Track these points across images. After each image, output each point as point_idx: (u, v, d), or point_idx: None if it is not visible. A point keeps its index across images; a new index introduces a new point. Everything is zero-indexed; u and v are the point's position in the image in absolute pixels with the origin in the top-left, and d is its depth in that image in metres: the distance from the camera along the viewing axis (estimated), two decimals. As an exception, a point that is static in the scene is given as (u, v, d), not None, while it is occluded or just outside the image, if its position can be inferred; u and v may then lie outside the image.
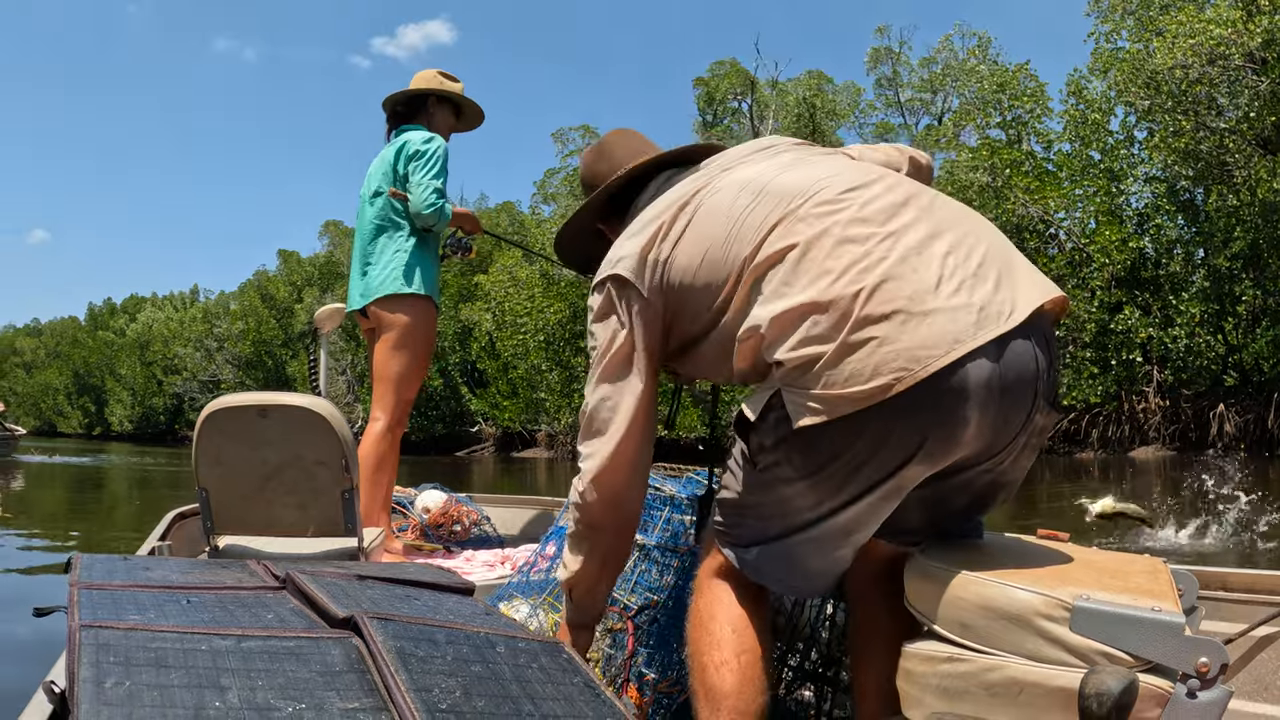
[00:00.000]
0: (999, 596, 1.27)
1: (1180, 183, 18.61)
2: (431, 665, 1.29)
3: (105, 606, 1.31)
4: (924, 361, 1.32)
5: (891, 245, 1.41)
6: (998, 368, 1.35)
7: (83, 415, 68.28)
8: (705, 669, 1.54)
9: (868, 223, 1.44)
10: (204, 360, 48.18)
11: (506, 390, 28.45)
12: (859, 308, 1.36)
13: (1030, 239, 19.65)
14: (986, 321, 1.35)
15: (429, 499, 4.21)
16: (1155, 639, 1.17)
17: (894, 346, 1.33)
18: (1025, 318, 1.37)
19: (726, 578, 1.59)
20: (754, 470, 1.52)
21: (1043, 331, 1.43)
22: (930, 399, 1.33)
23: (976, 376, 1.34)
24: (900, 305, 1.35)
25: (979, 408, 1.35)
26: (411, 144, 3.61)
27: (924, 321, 1.34)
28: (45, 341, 78.28)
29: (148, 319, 58.31)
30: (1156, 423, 18.94)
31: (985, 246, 1.44)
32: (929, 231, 1.43)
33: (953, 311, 1.34)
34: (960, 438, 1.37)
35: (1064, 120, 20.27)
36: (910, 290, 1.36)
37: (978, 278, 1.39)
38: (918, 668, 1.33)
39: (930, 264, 1.39)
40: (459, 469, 21.23)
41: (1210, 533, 6.76)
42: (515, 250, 29.27)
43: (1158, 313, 18.50)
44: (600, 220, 1.89)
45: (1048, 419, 1.46)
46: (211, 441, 2.46)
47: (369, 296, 3.63)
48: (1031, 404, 1.40)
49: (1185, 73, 16.81)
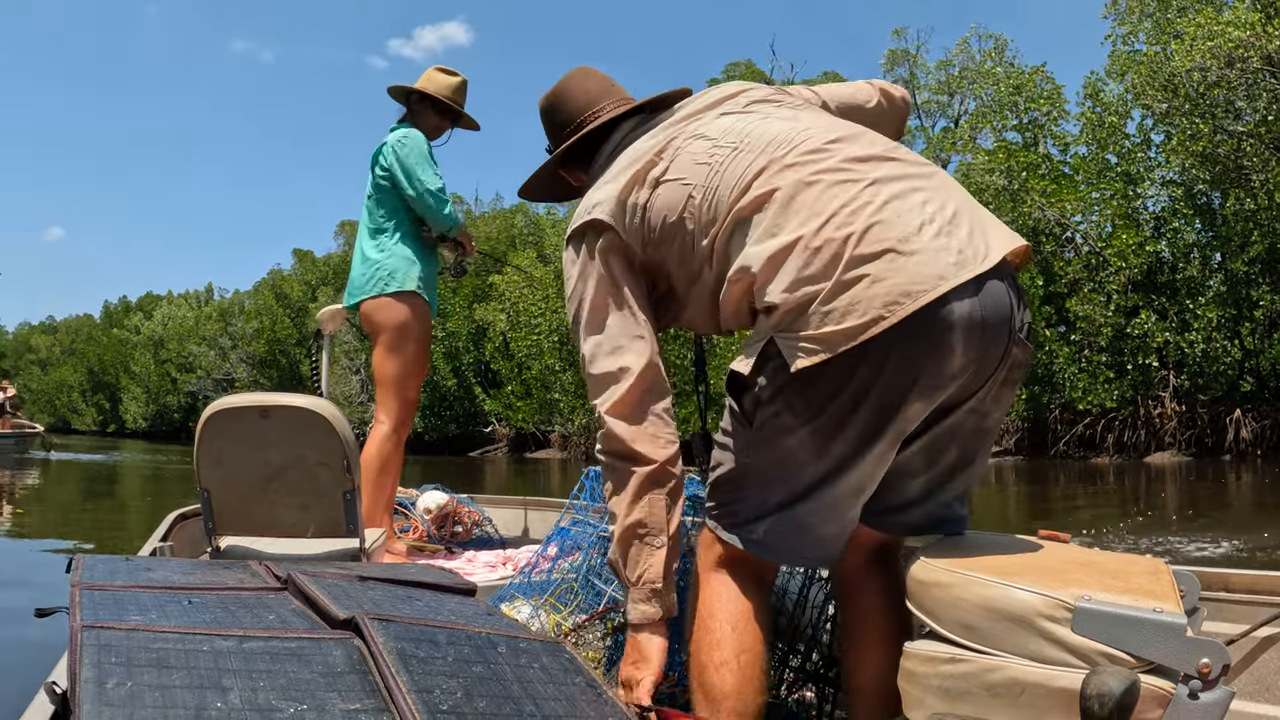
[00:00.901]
0: (1000, 597, 1.27)
1: (1197, 186, 18.47)
2: (433, 666, 1.29)
3: (107, 607, 1.32)
4: (915, 296, 1.38)
5: (876, 192, 1.47)
6: (978, 303, 1.42)
7: (97, 412, 68.62)
8: (705, 668, 1.54)
9: (852, 171, 1.50)
10: (218, 359, 48.36)
11: (520, 391, 28.46)
12: (850, 249, 1.41)
13: (1046, 242, 19.53)
14: (965, 263, 1.42)
15: (430, 500, 4.21)
16: (1157, 640, 1.17)
17: (886, 283, 1.39)
18: (998, 261, 1.45)
19: (726, 574, 1.58)
20: (750, 430, 1.52)
21: (1011, 274, 1.52)
22: (921, 331, 1.39)
23: (960, 311, 1.41)
24: (890, 245, 1.41)
25: (964, 339, 1.42)
26: (386, 147, 3.64)
27: (911, 260, 1.40)
28: (60, 339, 78.73)
29: (163, 316, 58.56)
30: (1172, 428, 18.79)
31: (956, 199, 1.52)
32: (907, 184, 1.50)
33: (935, 252, 1.42)
34: (950, 368, 1.43)
35: (1081, 123, 20.15)
36: (897, 233, 1.42)
37: (953, 224, 1.46)
38: (919, 668, 1.33)
39: (912, 211, 1.45)
40: (472, 469, 21.25)
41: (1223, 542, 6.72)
42: (530, 250, 29.31)
43: (1174, 317, 18.36)
44: (560, 165, 1.91)
45: (1024, 352, 1.51)
46: (213, 442, 2.46)
47: (355, 296, 3.66)
48: (1008, 338, 1.47)
49: (1203, 75, 16.68)
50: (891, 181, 1.49)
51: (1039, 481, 14.53)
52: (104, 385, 66.45)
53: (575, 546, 2.33)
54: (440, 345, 31.02)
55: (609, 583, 2.10)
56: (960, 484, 1.61)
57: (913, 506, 1.60)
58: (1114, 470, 16.42)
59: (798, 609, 1.98)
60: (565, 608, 2.14)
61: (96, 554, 1.67)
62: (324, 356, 3.83)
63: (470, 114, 3.88)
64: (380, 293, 3.58)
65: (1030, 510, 10.06)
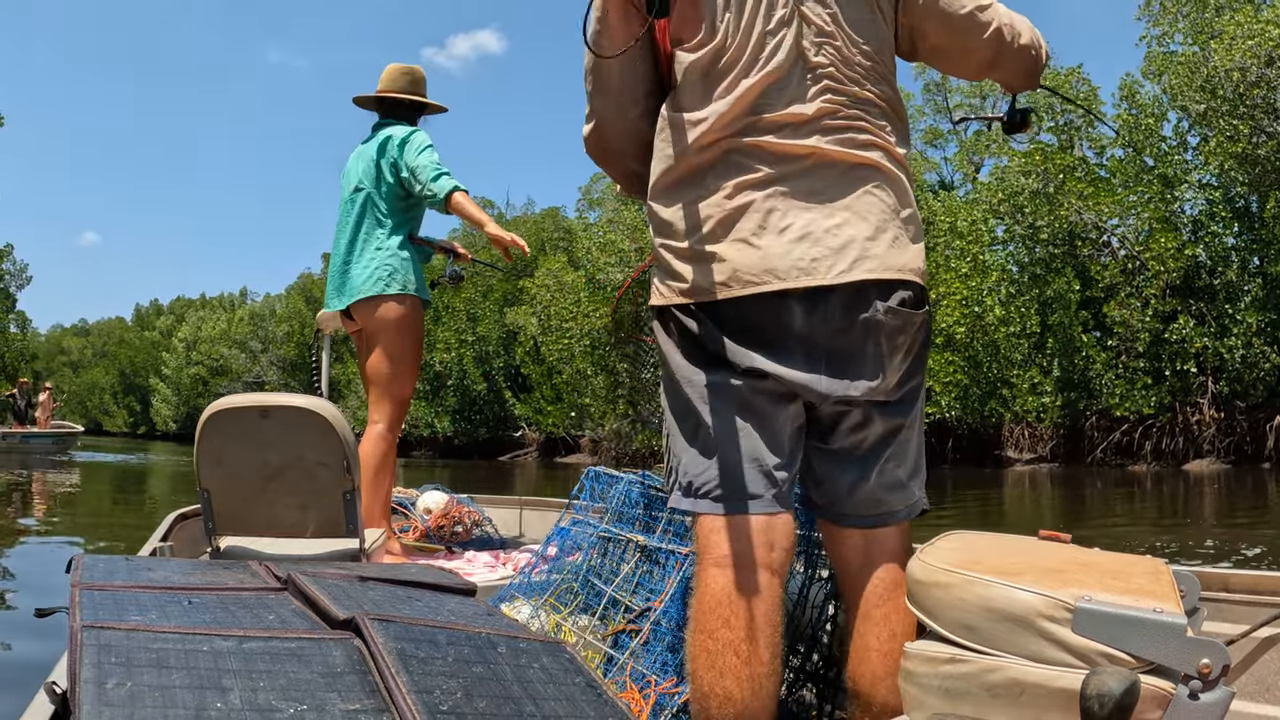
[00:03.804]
0: (1001, 597, 1.26)
1: (1236, 189, 18.15)
2: (433, 666, 1.29)
3: (107, 607, 1.33)
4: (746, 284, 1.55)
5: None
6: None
7: (128, 414, 69.53)
8: (708, 698, 1.50)
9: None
10: (249, 361, 48.84)
11: (550, 395, 28.50)
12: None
13: (1083, 246, 19.29)
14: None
15: (430, 500, 4.23)
16: (1157, 640, 1.16)
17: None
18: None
19: (725, 572, 1.55)
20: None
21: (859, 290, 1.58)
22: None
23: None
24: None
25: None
26: (395, 137, 3.66)
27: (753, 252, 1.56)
28: (93, 341, 79.97)
29: (196, 319, 59.28)
30: (1211, 435, 18.46)
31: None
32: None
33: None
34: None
35: (1117, 125, 19.88)
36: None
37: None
38: (919, 668, 1.32)
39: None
40: (502, 473, 21.32)
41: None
42: (560, 255, 29.37)
43: (1213, 322, 18.05)
44: None
45: (889, 318, 1.55)
46: (213, 442, 2.47)
47: (352, 297, 3.63)
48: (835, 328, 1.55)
49: (1243, 75, 16.40)
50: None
51: (1074, 487, 14.34)
52: (135, 388, 67.35)
53: (575, 546, 2.33)
54: (470, 349, 31.16)
55: (609, 582, 2.10)
56: (887, 474, 1.63)
57: (844, 498, 1.63)
58: (1151, 478, 16.16)
59: (798, 609, 1.97)
60: (565, 608, 2.14)
61: (98, 554, 1.68)
62: (324, 357, 3.85)
63: (436, 102, 3.93)
64: (381, 293, 3.58)
65: (1066, 516, 9.93)
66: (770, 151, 1.56)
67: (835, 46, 1.58)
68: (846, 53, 1.59)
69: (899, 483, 1.64)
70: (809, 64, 1.57)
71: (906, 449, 1.64)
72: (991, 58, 1.68)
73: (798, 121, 1.57)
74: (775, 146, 1.56)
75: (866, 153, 1.58)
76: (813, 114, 1.56)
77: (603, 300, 24.91)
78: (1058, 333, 19.24)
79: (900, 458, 1.63)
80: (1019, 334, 19.53)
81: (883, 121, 1.61)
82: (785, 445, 1.59)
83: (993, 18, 1.64)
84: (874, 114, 1.60)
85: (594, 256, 25.76)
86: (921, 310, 1.60)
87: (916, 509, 1.67)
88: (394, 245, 3.62)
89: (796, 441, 1.61)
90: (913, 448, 1.65)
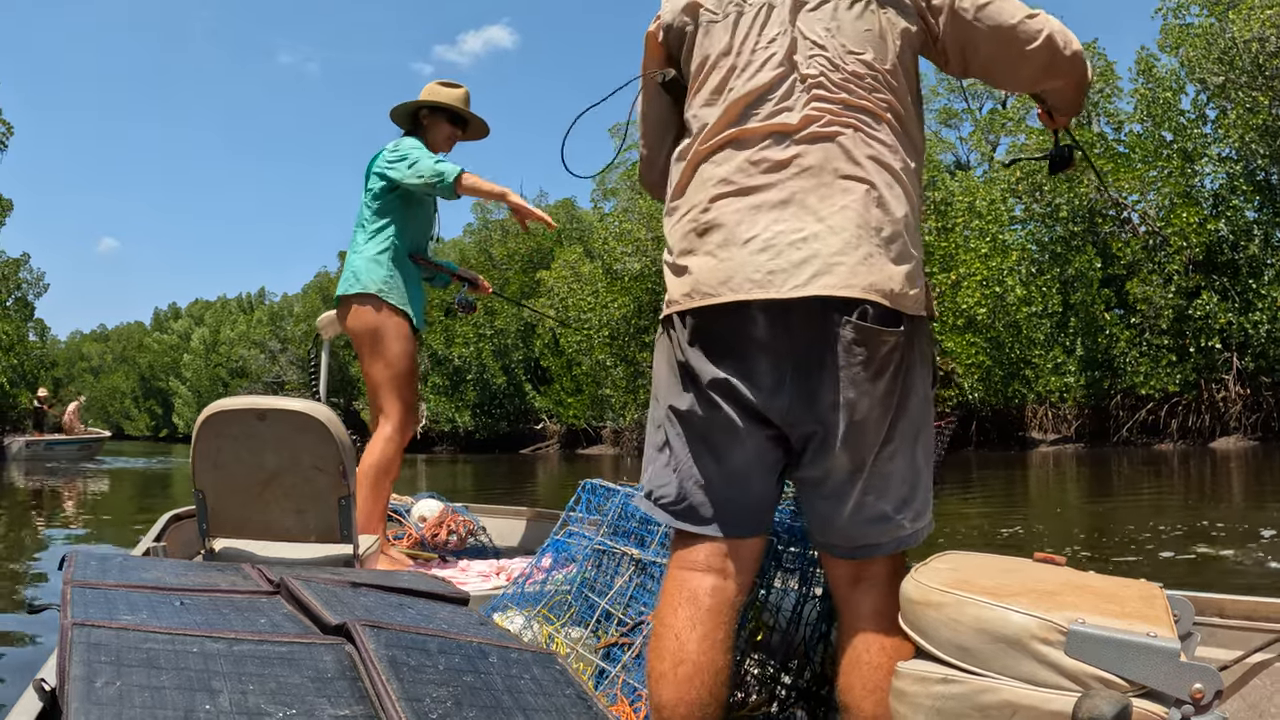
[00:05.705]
0: (994, 619, 1.25)
1: (1257, 162, 17.88)
2: (423, 674, 1.29)
3: (98, 605, 1.33)
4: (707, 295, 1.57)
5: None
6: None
7: (149, 418, 70.04)
8: (649, 678, 1.56)
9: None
10: (268, 362, 49.07)
11: (571, 387, 28.52)
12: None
13: (1103, 224, 19.08)
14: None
15: (425, 508, 4.22)
16: (1150, 664, 1.16)
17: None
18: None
19: (686, 582, 1.59)
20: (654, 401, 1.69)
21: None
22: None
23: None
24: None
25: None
26: (381, 156, 3.64)
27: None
28: (112, 346, 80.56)
29: (215, 321, 59.60)
30: (1237, 412, 18.28)
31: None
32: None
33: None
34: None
35: (1134, 100, 19.62)
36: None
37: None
38: (911, 688, 1.31)
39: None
40: (523, 466, 21.37)
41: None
42: (577, 246, 29.35)
43: (1236, 297, 17.83)
44: None
45: (857, 332, 1.48)
46: (210, 444, 2.46)
47: (333, 300, 3.71)
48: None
49: (1262, 45, 16.15)
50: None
51: (1100, 466, 14.22)
52: (155, 391, 67.83)
53: (570, 558, 2.33)
54: (489, 343, 31.23)
55: (602, 595, 2.10)
56: (867, 508, 1.55)
57: (822, 527, 1.60)
58: (1178, 456, 15.99)
59: (790, 626, 1.95)
60: (558, 619, 2.14)
61: (90, 550, 1.68)
62: (323, 362, 3.86)
63: (481, 118, 3.88)
64: (346, 292, 3.59)
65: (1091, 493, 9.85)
66: (751, 161, 1.56)
67: (827, 57, 1.57)
68: (839, 62, 1.57)
69: (881, 515, 1.54)
70: (800, 75, 1.57)
71: (888, 481, 1.54)
72: (1046, 64, 1.65)
73: (783, 131, 1.55)
74: (757, 157, 1.56)
75: (854, 165, 1.54)
76: (798, 123, 1.55)
77: (621, 290, 24.90)
78: (1080, 311, 19.06)
79: (880, 490, 1.54)
80: (1041, 314, 19.37)
81: (882, 131, 1.57)
82: (748, 473, 1.57)
83: (1044, 25, 1.63)
84: (871, 124, 1.57)
85: (610, 246, 25.72)
86: (893, 328, 1.49)
87: (907, 543, 1.58)
88: (371, 250, 3.61)
89: (766, 468, 1.58)
90: (897, 479, 1.54)
